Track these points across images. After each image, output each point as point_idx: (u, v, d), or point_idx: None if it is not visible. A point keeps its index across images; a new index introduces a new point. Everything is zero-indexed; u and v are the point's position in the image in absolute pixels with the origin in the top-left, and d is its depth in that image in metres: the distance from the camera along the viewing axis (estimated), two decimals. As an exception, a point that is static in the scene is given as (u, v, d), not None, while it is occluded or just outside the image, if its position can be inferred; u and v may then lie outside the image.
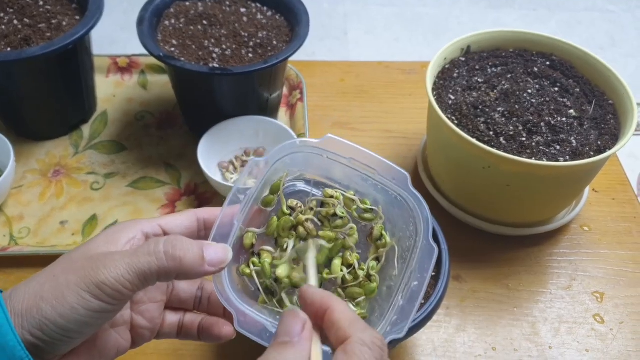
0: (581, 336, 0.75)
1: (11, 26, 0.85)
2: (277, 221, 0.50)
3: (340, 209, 0.50)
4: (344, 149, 0.51)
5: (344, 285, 0.48)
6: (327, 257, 0.49)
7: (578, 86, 0.83)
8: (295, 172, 0.52)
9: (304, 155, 0.50)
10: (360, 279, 0.48)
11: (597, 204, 0.90)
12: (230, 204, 0.48)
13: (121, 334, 0.48)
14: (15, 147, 0.86)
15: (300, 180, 0.52)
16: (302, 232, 0.50)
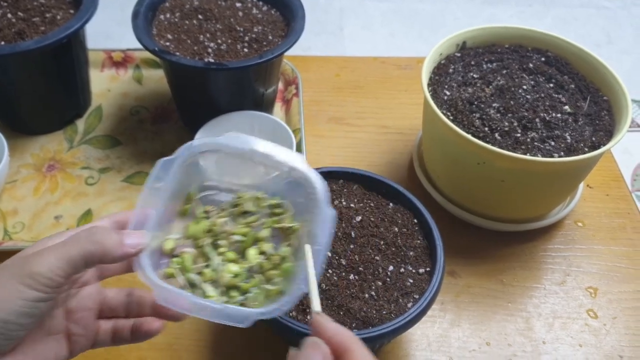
0: (575, 331, 0.75)
1: (5, 20, 0.85)
2: (194, 225, 0.55)
3: (250, 207, 0.56)
4: (244, 142, 0.55)
5: (262, 270, 0.53)
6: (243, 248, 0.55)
7: (573, 82, 0.83)
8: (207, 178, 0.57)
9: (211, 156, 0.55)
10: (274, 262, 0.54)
11: (591, 199, 0.90)
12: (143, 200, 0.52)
13: (58, 341, 0.51)
14: (9, 142, 0.85)
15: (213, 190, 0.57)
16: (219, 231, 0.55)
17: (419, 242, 0.69)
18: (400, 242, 0.68)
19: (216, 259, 0.54)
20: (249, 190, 0.57)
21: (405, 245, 0.68)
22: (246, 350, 0.71)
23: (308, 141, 0.94)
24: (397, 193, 0.72)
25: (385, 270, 0.66)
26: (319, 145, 0.95)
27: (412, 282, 0.65)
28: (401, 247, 0.68)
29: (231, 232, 0.55)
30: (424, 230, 0.70)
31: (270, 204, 0.57)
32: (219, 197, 0.57)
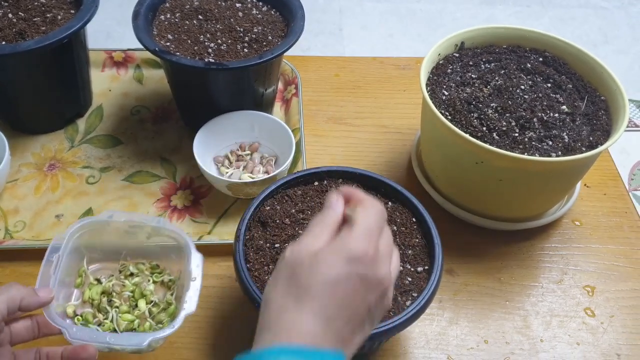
0: (572, 329, 0.76)
1: (6, 19, 0.85)
2: (88, 290, 0.69)
3: (133, 269, 0.71)
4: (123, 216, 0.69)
5: (151, 315, 0.68)
6: (134, 301, 0.69)
7: (570, 82, 0.83)
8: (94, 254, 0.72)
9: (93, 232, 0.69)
10: (161, 307, 0.69)
11: (588, 199, 0.90)
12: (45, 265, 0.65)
13: None
14: (11, 141, 0.86)
15: (102, 263, 0.72)
16: (111, 291, 0.69)
17: (418, 240, 0.69)
18: (398, 240, 0.69)
19: (112, 312, 0.67)
20: (132, 257, 0.73)
21: (404, 244, 0.68)
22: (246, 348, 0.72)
23: (307, 141, 0.94)
24: (396, 192, 0.73)
25: (384, 268, 0.66)
26: (318, 145, 0.96)
27: (411, 281, 0.65)
28: (400, 245, 0.68)
29: (122, 290, 0.69)
30: (422, 229, 0.70)
31: (150, 266, 0.72)
32: (105, 268, 0.72)
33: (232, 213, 0.86)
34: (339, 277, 0.46)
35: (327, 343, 0.45)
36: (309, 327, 0.45)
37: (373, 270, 0.47)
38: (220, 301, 0.76)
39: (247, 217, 0.69)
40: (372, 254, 0.47)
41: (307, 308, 0.45)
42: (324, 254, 0.47)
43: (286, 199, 0.72)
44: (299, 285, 0.46)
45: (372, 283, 0.47)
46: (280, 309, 0.47)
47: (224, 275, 0.79)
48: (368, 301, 0.47)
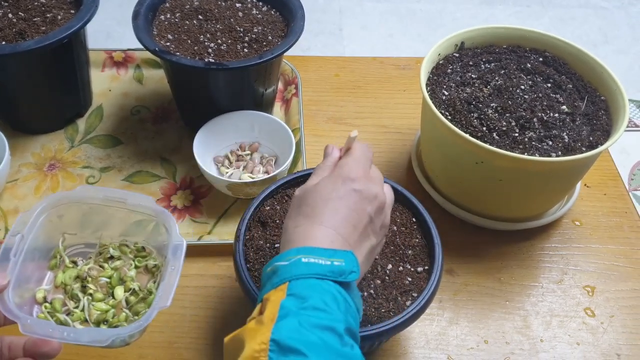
0: (572, 329, 0.76)
1: (6, 20, 0.85)
2: (62, 274, 0.63)
3: (114, 252, 0.65)
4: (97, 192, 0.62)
5: (128, 305, 0.62)
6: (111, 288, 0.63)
7: (570, 82, 0.83)
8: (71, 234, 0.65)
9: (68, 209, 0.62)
10: (140, 296, 0.62)
11: (588, 199, 0.90)
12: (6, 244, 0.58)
13: None
14: (10, 141, 0.86)
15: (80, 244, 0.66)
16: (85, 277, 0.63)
17: (418, 240, 0.69)
18: (399, 240, 0.69)
19: (84, 299, 0.61)
20: (114, 238, 0.66)
21: (404, 244, 0.68)
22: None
23: (307, 141, 0.94)
24: (396, 192, 0.73)
25: (384, 268, 0.66)
26: (318, 145, 0.96)
27: (411, 281, 0.65)
28: (400, 245, 0.68)
29: (98, 276, 0.63)
30: (422, 229, 0.70)
31: (135, 248, 0.66)
32: (86, 249, 0.65)
33: (232, 213, 0.86)
34: (338, 194, 0.54)
35: (337, 247, 0.51)
36: (319, 235, 0.51)
37: (367, 186, 0.55)
38: (220, 301, 0.76)
39: (247, 217, 0.69)
40: (364, 176, 0.56)
41: (317, 221, 0.52)
42: (324, 181, 0.56)
43: (286, 199, 0.72)
44: (307, 208, 0.54)
45: (368, 196, 0.54)
46: (295, 228, 0.53)
47: (224, 275, 0.79)
48: (368, 212, 0.54)
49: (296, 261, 0.49)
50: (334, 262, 0.49)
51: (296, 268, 0.48)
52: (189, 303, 0.76)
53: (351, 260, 0.50)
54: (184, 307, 0.75)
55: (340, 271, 0.49)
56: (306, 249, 0.50)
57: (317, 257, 0.49)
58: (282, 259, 0.50)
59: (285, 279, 0.48)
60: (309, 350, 0.43)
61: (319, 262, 0.49)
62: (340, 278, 0.49)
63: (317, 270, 0.48)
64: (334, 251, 0.50)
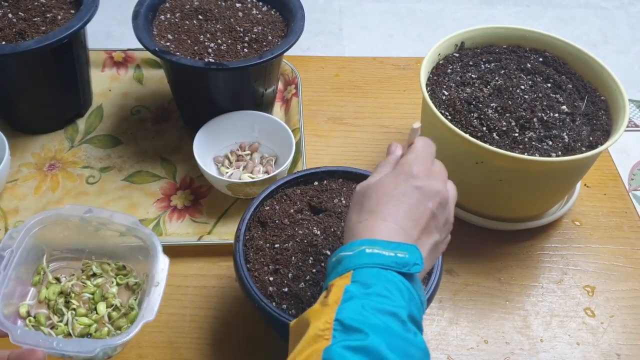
0: (572, 329, 0.76)
1: (6, 20, 0.85)
2: (45, 290, 0.65)
3: (96, 269, 0.67)
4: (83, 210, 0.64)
5: (110, 320, 0.64)
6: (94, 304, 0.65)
7: (570, 82, 0.83)
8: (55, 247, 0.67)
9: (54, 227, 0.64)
10: (122, 312, 0.65)
11: (588, 199, 0.90)
12: None
13: None
14: (10, 141, 0.86)
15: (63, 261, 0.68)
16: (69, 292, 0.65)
17: (418, 240, 0.69)
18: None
19: (68, 314, 0.63)
20: (97, 256, 0.68)
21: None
22: (246, 348, 0.72)
23: (307, 141, 0.94)
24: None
25: (384, 268, 0.66)
26: (318, 145, 0.96)
27: (411, 280, 0.65)
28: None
29: (81, 292, 0.65)
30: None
31: (116, 267, 0.68)
32: (68, 267, 0.67)
33: (232, 213, 0.86)
34: (400, 190, 0.54)
35: (401, 240, 0.52)
36: (383, 229, 0.52)
37: (429, 183, 0.55)
38: (220, 301, 0.76)
39: (247, 217, 0.69)
40: (426, 172, 0.56)
41: (380, 216, 0.53)
42: (386, 177, 0.56)
43: (285, 199, 0.72)
44: (370, 203, 0.54)
45: (430, 193, 0.54)
46: (358, 222, 0.54)
47: (224, 275, 0.79)
48: (430, 207, 0.54)
49: (360, 251, 0.50)
50: (398, 254, 0.50)
51: (360, 258, 0.49)
52: (189, 303, 0.76)
53: (415, 253, 0.51)
54: (184, 307, 0.75)
55: (403, 263, 0.50)
56: (370, 241, 0.51)
57: (381, 248, 0.50)
58: (347, 249, 0.51)
59: (350, 267, 0.49)
60: (372, 330, 0.44)
61: (383, 253, 0.49)
62: (404, 269, 0.49)
63: (381, 260, 0.49)
64: (397, 244, 0.51)
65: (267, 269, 0.66)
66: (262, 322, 0.66)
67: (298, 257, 0.66)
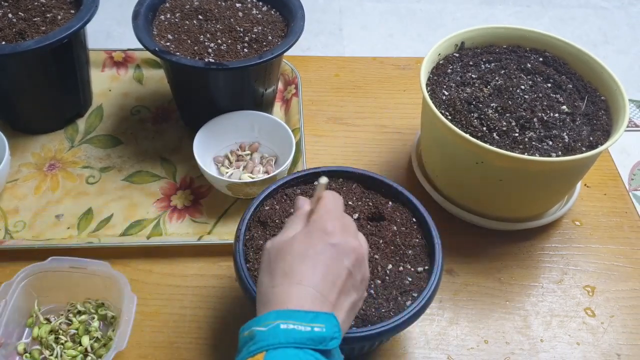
0: (572, 329, 0.76)
1: (6, 20, 0.85)
2: (37, 329, 0.73)
3: (80, 308, 0.75)
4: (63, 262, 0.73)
5: (93, 350, 0.72)
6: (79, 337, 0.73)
7: (571, 82, 0.83)
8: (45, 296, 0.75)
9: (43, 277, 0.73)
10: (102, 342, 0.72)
11: (588, 199, 0.90)
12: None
13: None
14: (10, 141, 0.86)
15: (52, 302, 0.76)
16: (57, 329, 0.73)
17: (418, 240, 0.69)
18: (399, 240, 0.69)
19: (57, 348, 0.71)
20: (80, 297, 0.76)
21: (404, 244, 0.68)
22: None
23: (307, 141, 0.94)
24: (396, 192, 0.73)
25: (384, 268, 0.66)
26: (318, 145, 0.96)
27: (411, 281, 0.65)
28: (400, 245, 0.68)
29: (68, 329, 0.73)
30: (422, 229, 0.70)
31: (96, 304, 0.75)
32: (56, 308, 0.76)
33: (232, 213, 0.86)
34: (315, 250, 0.52)
35: (317, 307, 0.49)
36: (299, 295, 0.49)
37: (345, 239, 0.53)
38: (220, 301, 0.76)
39: (247, 217, 0.69)
40: (340, 228, 0.54)
41: (295, 280, 0.50)
42: (299, 235, 0.53)
43: (284, 198, 0.72)
44: (284, 264, 0.51)
45: (345, 250, 0.52)
46: (272, 287, 0.51)
47: (224, 275, 0.79)
48: (346, 265, 0.52)
49: (274, 327, 0.46)
50: (315, 328, 0.47)
51: (274, 336, 0.46)
52: (189, 303, 0.76)
53: (333, 324, 0.48)
54: (184, 307, 0.75)
55: (320, 338, 0.47)
56: (285, 313, 0.47)
57: (297, 322, 0.47)
58: (260, 323, 0.48)
59: (263, 347, 0.46)
60: None
61: (298, 328, 0.46)
62: (321, 346, 0.47)
63: (296, 338, 0.46)
64: (315, 315, 0.48)
65: (267, 269, 0.66)
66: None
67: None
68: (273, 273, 0.52)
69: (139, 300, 0.71)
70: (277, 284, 0.50)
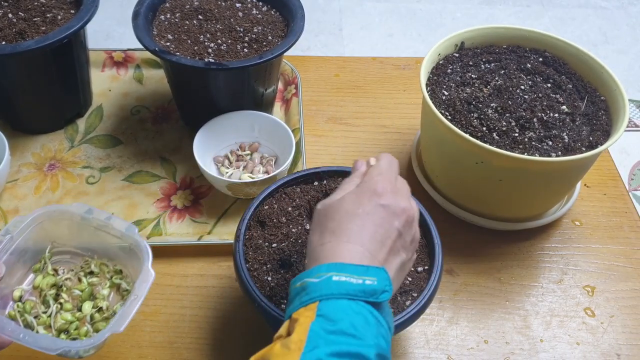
0: (572, 329, 0.76)
1: (6, 20, 0.85)
2: (40, 279, 0.67)
3: (94, 268, 0.68)
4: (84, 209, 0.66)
5: (92, 321, 0.65)
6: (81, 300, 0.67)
7: (570, 82, 0.83)
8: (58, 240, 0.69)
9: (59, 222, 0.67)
10: (104, 315, 0.65)
11: (588, 199, 0.90)
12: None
13: None
14: (10, 141, 0.86)
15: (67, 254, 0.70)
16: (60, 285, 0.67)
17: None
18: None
19: (53, 307, 0.65)
20: (99, 255, 0.70)
21: (404, 244, 0.68)
22: (246, 348, 0.72)
23: (307, 141, 0.94)
24: (396, 192, 0.73)
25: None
26: (318, 145, 0.96)
27: (411, 281, 0.65)
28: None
29: (72, 287, 0.67)
30: (422, 229, 0.70)
31: (113, 270, 0.69)
32: (71, 261, 0.69)
33: (232, 213, 0.86)
34: (365, 209, 0.52)
35: (366, 263, 0.49)
36: (348, 253, 0.50)
37: (395, 200, 0.53)
38: (220, 301, 0.76)
39: (247, 217, 0.69)
40: (391, 189, 0.54)
41: (344, 238, 0.51)
42: (349, 196, 0.54)
43: (284, 198, 0.72)
44: (333, 223, 0.52)
45: (396, 211, 0.53)
46: (321, 245, 0.51)
47: (224, 275, 0.79)
48: (396, 226, 0.52)
49: (327, 279, 0.47)
50: (366, 281, 0.47)
51: (327, 287, 0.47)
52: (189, 303, 0.76)
53: (383, 278, 0.48)
54: (184, 307, 0.75)
55: (372, 291, 0.47)
56: (338, 266, 0.48)
57: (349, 275, 0.47)
58: (312, 274, 0.48)
59: (315, 298, 0.47)
60: None
61: (350, 280, 0.47)
62: (372, 298, 0.47)
63: (348, 289, 0.47)
64: (366, 268, 0.48)
65: (266, 268, 0.66)
66: (262, 322, 0.66)
67: (297, 256, 0.66)
68: (323, 231, 0.52)
69: (139, 300, 0.71)
70: (326, 242, 0.51)
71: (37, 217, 0.65)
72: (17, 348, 0.67)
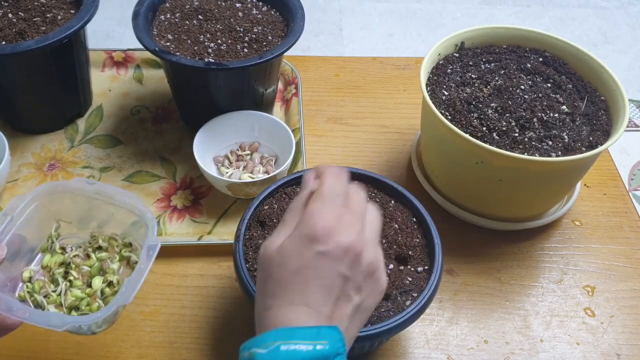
0: (572, 329, 0.76)
1: (6, 19, 0.85)
2: (48, 258, 0.66)
3: (102, 243, 0.67)
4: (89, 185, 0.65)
5: (103, 296, 0.64)
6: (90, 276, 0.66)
7: (570, 82, 0.83)
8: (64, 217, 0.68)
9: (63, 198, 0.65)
10: (115, 289, 0.64)
11: (588, 199, 0.90)
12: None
13: None
14: (11, 141, 0.86)
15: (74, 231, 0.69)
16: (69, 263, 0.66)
17: (418, 240, 0.69)
18: (399, 240, 0.69)
19: (62, 284, 0.64)
20: (105, 228, 0.68)
21: (404, 244, 0.68)
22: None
23: (307, 141, 0.94)
24: (396, 192, 0.73)
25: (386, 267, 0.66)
26: (318, 145, 0.96)
27: (411, 281, 0.65)
28: (400, 245, 0.68)
29: (81, 264, 0.66)
30: (422, 229, 0.70)
31: (122, 243, 0.68)
32: (79, 239, 0.68)
33: (232, 213, 0.86)
34: (303, 262, 0.48)
35: (314, 323, 0.47)
36: (294, 313, 0.47)
37: (334, 242, 0.48)
38: (220, 301, 0.76)
39: (247, 217, 0.69)
40: (332, 225, 0.49)
41: (287, 300, 0.48)
42: (286, 244, 0.50)
43: (284, 198, 0.72)
44: (273, 283, 0.49)
45: (338, 255, 0.48)
46: (265, 310, 0.49)
47: (224, 275, 0.79)
48: (341, 272, 0.48)
49: (275, 349, 0.44)
50: (317, 346, 0.44)
51: (276, 359, 0.44)
52: (189, 303, 0.76)
53: (336, 340, 0.45)
54: (184, 307, 0.75)
55: (324, 357, 0.44)
56: (286, 332, 0.45)
57: (298, 341, 0.44)
58: (259, 344, 0.45)
59: None
60: None
61: (300, 348, 0.44)
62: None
63: (298, 358, 0.44)
64: (317, 330, 0.45)
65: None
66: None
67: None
68: (265, 293, 0.49)
69: (139, 300, 0.71)
70: (270, 306, 0.49)
71: (36, 195, 0.63)
72: (18, 348, 0.68)
